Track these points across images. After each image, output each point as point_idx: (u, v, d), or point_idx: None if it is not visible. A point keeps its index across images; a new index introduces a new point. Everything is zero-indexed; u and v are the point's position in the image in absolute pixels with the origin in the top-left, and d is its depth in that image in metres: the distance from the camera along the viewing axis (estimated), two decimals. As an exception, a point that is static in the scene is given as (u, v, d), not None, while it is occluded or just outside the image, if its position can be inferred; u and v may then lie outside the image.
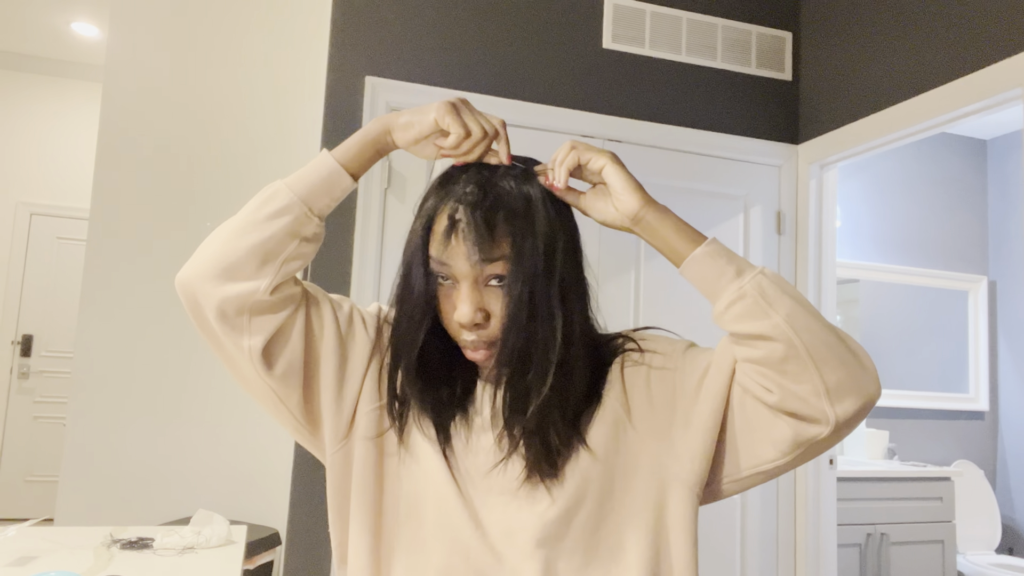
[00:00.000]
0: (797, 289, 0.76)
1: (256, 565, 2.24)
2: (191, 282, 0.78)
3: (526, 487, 0.79)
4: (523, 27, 2.46)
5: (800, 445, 0.75)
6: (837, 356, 0.71)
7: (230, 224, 0.79)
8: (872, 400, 0.73)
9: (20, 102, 4.65)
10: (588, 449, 0.80)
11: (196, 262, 0.78)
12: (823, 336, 0.71)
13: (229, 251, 0.77)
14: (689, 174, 2.59)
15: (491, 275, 0.77)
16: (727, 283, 0.75)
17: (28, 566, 1.25)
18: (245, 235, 0.77)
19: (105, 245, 2.57)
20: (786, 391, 0.72)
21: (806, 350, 0.71)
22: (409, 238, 0.82)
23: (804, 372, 0.71)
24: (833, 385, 0.71)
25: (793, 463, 0.77)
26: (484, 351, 0.79)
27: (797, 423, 0.73)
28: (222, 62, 2.73)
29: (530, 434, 0.78)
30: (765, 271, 0.75)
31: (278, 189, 0.79)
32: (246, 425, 2.64)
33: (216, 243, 0.78)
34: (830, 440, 0.74)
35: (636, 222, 0.80)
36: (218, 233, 0.79)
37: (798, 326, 0.71)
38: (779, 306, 0.72)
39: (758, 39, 2.71)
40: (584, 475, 0.79)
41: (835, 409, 0.71)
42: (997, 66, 1.99)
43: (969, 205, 4.03)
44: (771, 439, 0.76)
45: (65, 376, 4.64)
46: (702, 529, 2.48)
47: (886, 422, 3.68)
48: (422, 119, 0.80)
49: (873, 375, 0.73)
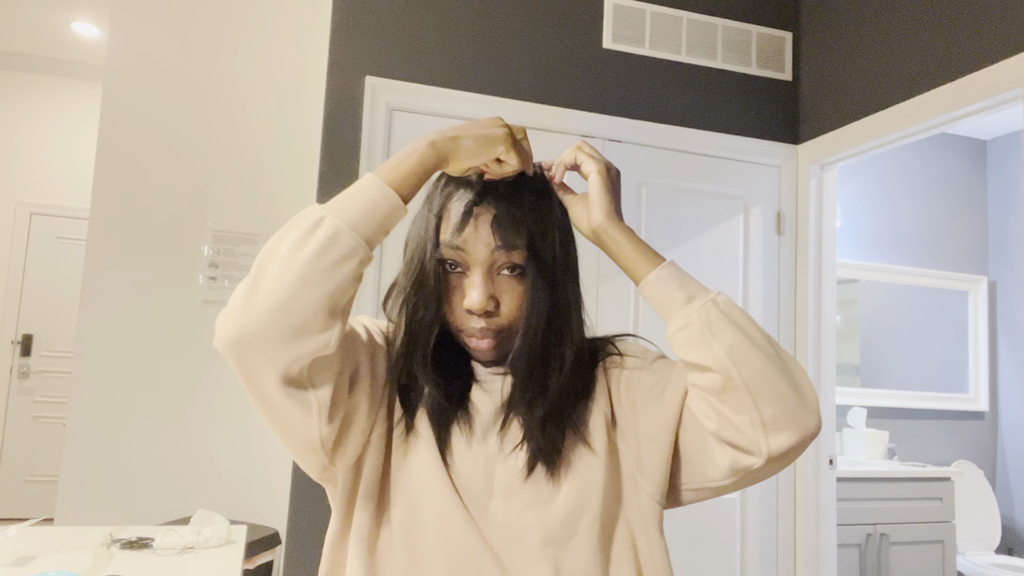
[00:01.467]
0: (748, 316, 0.75)
1: (256, 565, 2.24)
2: (249, 349, 0.67)
3: (529, 487, 0.78)
4: (523, 27, 2.46)
5: (737, 472, 0.75)
6: (775, 390, 0.71)
7: (285, 271, 0.67)
8: (809, 435, 0.72)
9: (20, 102, 4.65)
10: (588, 447, 0.80)
11: (250, 322, 0.67)
12: (763, 369, 0.71)
13: (296, 308, 0.66)
14: (689, 174, 2.59)
15: (507, 263, 0.78)
16: (676, 309, 0.75)
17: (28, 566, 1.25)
18: (311, 287, 0.67)
19: (105, 245, 2.57)
20: (724, 420, 0.73)
21: (744, 383, 0.71)
22: (417, 226, 0.82)
23: (742, 403, 0.71)
24: (769, 418, 0.71)
25: (736, 486, 0.78)
26: (490, 339, 0.79)
27: (733, 451, 0.74)
28: (222, 62, 2.73)
29: (541, 425, 0.78)
30: (717, 298, 0.75)
31: (340, 231, 0.68)
32: (246, 425, 2.64)
33: (274, 297, 0.66)
34: (764, 471, 0.74)
35: (596, 235, 0.81)
36: (272, 283, 0.67)
37: (738, 358, 0.71)
38: (723, 336, 0.72)
39: (758, 39, 2.71)
40: (587, 472, 0.79)
41: (769, 442, 0.71)
42: (997, 66, 1.99)
43: (969, 205, 4.03)
44: (713, 462, 0.76)
45: (65, 376, 4.64)
46: (702, 528, 2.48)
47: (886, 422, 3.68)
48: (486, 151, 0.75)
49: (813, 410, 0.72)
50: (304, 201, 2.77)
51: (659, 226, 2.54)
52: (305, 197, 2.76)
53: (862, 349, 3.68)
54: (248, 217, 2.70)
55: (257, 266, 0.69)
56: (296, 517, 2.15)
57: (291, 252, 0.67)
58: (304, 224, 0.69)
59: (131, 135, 2.63)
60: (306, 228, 0.68)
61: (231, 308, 0.68)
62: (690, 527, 2.47)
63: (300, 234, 0.68)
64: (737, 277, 2.62)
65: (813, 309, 2.62)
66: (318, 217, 0.69)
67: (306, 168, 2.78)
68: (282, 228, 0.71)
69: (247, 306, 0.67)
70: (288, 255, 0.67)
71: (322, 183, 2.23)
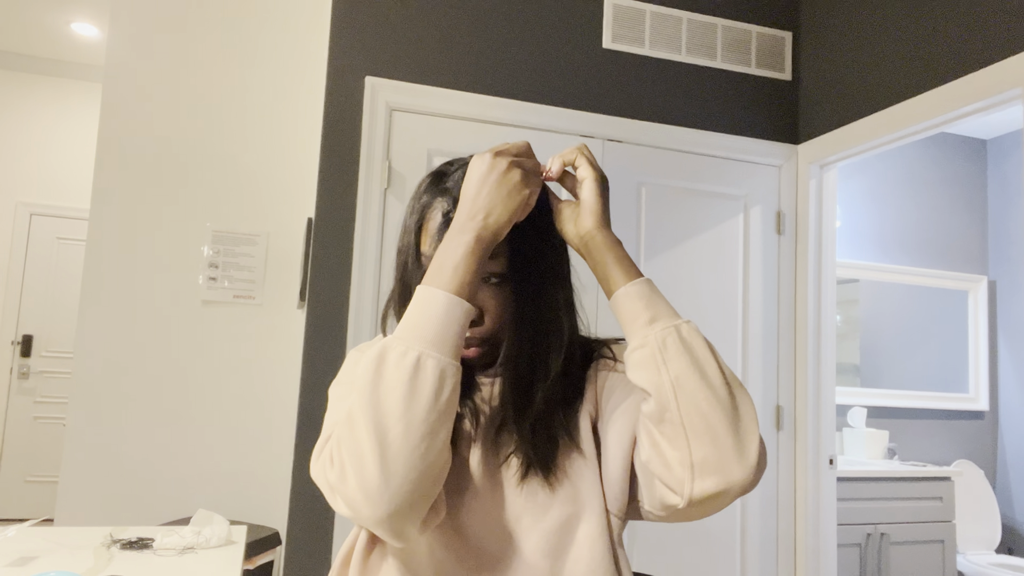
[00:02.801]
0: (711, 351, 0.71)
1: (256, 565, 2.24)
2: (404, 518, 0.65)
3: (525, 494, 0.77)
4: (523, 27, 2.46)
5: (665, 508, 0.73)
6: (711, 432, 0.68)
7: (410, 428, 0.64)
8: (735, 487, 0.68)
9: (20, 102, 4.65)
10: (580, 451, 0.79)
11: (397, 496, 0.64)
12: (705, 408, 0.68)
13: (431, 458, 0.65)
14: (689, 174, 2.59)
15: (488, 272, 0.77)
16: (637, 328, 0.73)
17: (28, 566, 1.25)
18: (438, 432, 0.66)
19: (105, 245, 2.57)
20: (657, 452, 0.71)
21: (680, 417, 0.69)
22: (402, 235, 0.82)
23: (676, 439, 0.69)
24: (699, 460, 0.68)
25: (668, 520, 0.75)
26: (476, 348, 0.79)
27: (661, 487, 0.72)
28: (222, 62, 2.73)
29: (531, 434, 0.77)
30: (681, 325, 0.72)
31: (444, 367, 0.67)
32: (246, 425, 2.64)
33: (411, 458, 0.64)
34: (686, 513, 0.71)
35: (583, 241, 0.78)
36: (401, 444, 0.64)
37: (682, 391, 0.69)
38: (672, 365, 0.69)
39: (758, 39, 2.71)
40: (579, 477, 0.78)
41: (694, 485, 0.68)
42: (997, 66, 1.99)
43: (969, 205, 4.03)
44: (651, 488, 0.74)
45: (65, 376, 4.64)
46: (702, 528, 2.48)
47: (886, 422, 3.68)
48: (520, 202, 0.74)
49: (749, 464, 0.68)
50: (304, 201, 2.77)
51: (659, 226, 2.54)
52: (305, 197, 2.76)
53: (862, 349, 3.68)
54: (248, 217, 2.70)
55: (371, 427, 0.64)
56: (296, 517, 2.15)
57: (407, 405, 0.64)
58: (404, 369, 0.65)
59: (131, 135, 2.63)
60: (408, 373, 0.65)
61: (367, 483, 0.63)
62: (690, 526, 2.47)
63: (404, 381, 0.65)
64: (737, 277, 2.62)
65: (813, 309, 2.62)
66: (415, 357, 0.66)
67: (306, 168, 2.78)
68: (366, 367, 0.67)
69: (387, 478, 0.63)
70: (405, 409, 0.64)
71: (322, 183, 2.23)
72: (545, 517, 0.77)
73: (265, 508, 2.64)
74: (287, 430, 2.68)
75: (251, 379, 2.66)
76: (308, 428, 2.17)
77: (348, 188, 2.25)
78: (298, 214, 2.76)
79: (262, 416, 2.66)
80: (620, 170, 2.51)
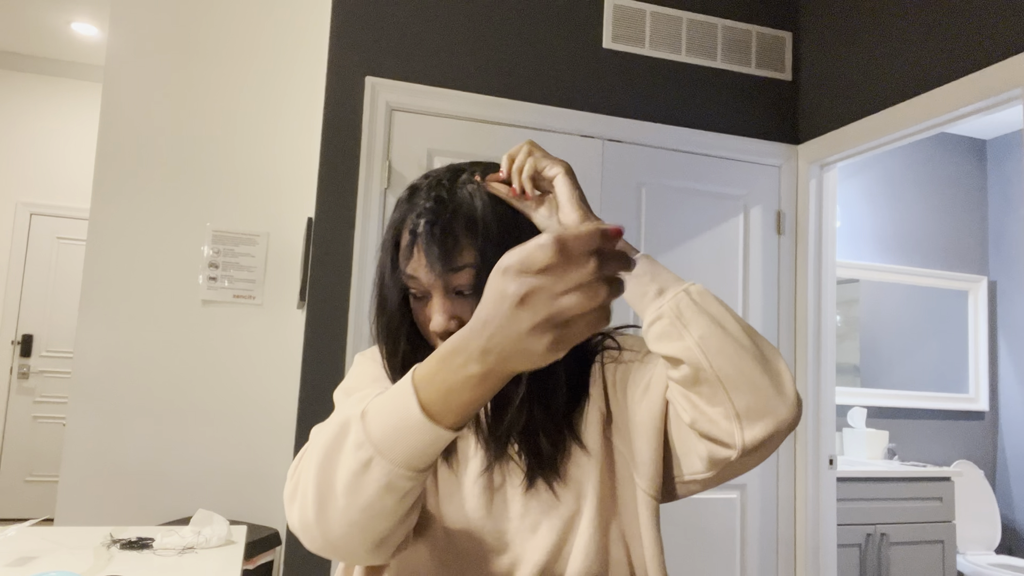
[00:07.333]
0: (724, 305, 0.73)
1: (256, 565, 2.24)
2: (338, 556, 0.66)
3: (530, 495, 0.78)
4: (523, 27, 2.46)
5: (715, 465, 0.73)
6: (749, 380, 0.69)
7: (348, 510, 0.61)
8: (785, 426, 0.70)
9: (20, 102, 4.65)
10: (583, 448, 0.80)
11: (330, 540, 0.63)
12: (736, 359, 0.69)
13: (372, 531, 0.63)
14: (689, 174, 2.59)
15: (457, 285, 0.77)
16: (648, 303, 0.74)
17: (28, 566, 1.25)
18: (379, 521, 0.62)
19: (105, 245, 2.57)
20: (699, 412, 0.72)
21: (716, 374, 0.69)
22: (380, 250, 0.83)
23: (715, 395, 0.70)
24: (743, 410, 0.69)
25: (718, 479, 0.76)
26: None
27: (710, 444, 0.73)
28: (222, 62, 2.73)
29: (519, 438, 0.77)
30: (690, 288, 0.73)
31: (394, 481, 0.60)
32: (246, 425, 2.64)
33: (346, 526, 0.62)
34: (741, 463, 0.72)
35: None
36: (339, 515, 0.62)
37: (710, 349, 0.70)
38: (693, 327, 0.70)
39: (758, 39, 2.71)
40: (580, 474, 0.78)
41: (744, 434, 0.69)
42: (997, 66, 1.99)
43: (969, 205, 4.03)
44: (696, 453, 0.75)
45: (65, 376, 4.64)
46: (702, 528, 2.48)
47: (886, 422, 3.68)
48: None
49: (789, 400, 0.70)
50: (304, 201, 2.77)
51: (659, 226, 2.54)
52: (305, 197, 2.76)
53: (862, 349, 3.68)
54: (248, 217, 2.70)
55: (317, 485, 0.62)
56: (296, 517, 2.15)
57: (351, 492, 0.61)
58: (356, 460, 0.60)
59: (131, 135, 2.63)
60: (357, 466, 0.60)
61: (305, 515, 0.63)
62: (690, 526, 2.47)
63: (352, 471, 0.60)
64: (737, 277, 2.62)
65: (813, 309, 2.62)
66: (366, 457, 0.60)
67: (306, 168, 2.78)
68: (330, 428, 0.63)
69: (324, 531, 0.63)
70: (348, 493, 0.61)
71: (322, 183, 2.23)
72: (549, 519, 0.77)
73: (265, 508, 2.64)
74: (287, 430, 2.68)
75: (251, 379, 2.66)
76: (308, 428, 2.17)
77: (348, 188, 2.25)
78: (298, 214, 2.76)
79: (262, 416, 2.66)
80: (620, 170, 2.51)
